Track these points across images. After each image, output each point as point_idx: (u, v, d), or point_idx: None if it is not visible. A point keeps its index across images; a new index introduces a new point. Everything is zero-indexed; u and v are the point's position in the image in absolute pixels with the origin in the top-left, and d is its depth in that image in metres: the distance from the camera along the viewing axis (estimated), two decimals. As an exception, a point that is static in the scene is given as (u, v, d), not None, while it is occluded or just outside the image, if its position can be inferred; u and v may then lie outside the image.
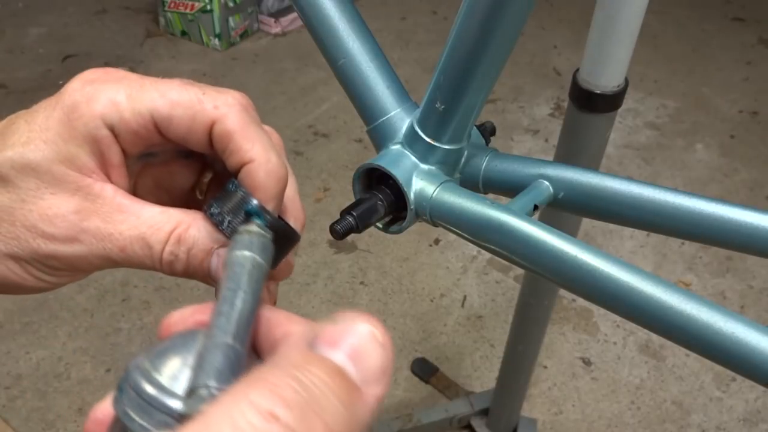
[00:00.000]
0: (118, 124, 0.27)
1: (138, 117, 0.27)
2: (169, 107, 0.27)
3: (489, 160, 0.45)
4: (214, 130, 0.28)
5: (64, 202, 0.27)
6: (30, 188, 0.27)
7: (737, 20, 2.48)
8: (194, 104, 0.27)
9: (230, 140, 0.27)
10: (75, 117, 0.27)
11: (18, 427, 1.16)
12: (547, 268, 0.37)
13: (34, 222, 0.27)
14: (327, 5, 0.45)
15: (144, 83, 0.28)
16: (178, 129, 0.28)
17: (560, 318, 1.40)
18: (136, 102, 0.27)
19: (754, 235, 0.38)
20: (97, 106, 0.27)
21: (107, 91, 0.27)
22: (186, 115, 0.27)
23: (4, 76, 2.00)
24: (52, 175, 0.27)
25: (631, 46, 0.57)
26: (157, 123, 0.27)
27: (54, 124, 0.27)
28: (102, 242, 0.27)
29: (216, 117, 0.27)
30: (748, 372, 0.32)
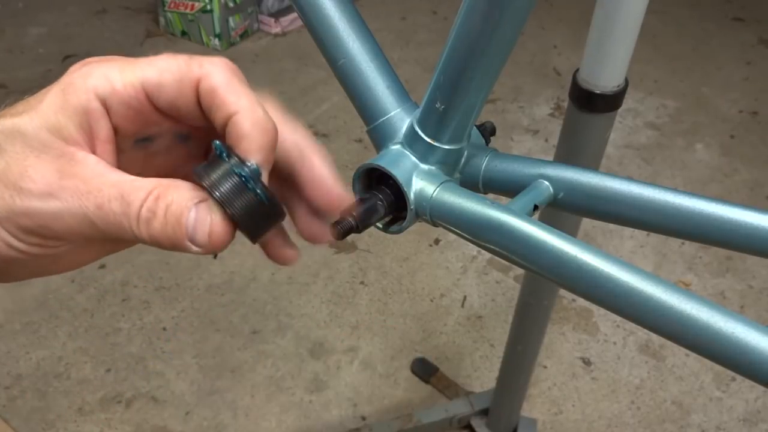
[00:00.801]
0: (110, 97, 0.28)
1: (129, 88, 0.28)
2: (158, 73, 0.28)
3: (489, 160, 0.45)
4: (200, 88, 0.28)
5: (47, 163, 0.27)
6: (16, 151, 0.27)
7: (737, 20, 2.48)
8: (181, 67, 0.28)
9: (215, 95, 0.28)
10: (69, 91, 0.28)
11: (18, 427, 1.16)
12: (547, 268, 0.37)
13: (14, 180, 0.27)
14: (327, 5, 0.45)
15: (136, 60, 0.29)
16: (167, 93, 0.28)
17: (560, 318, 1.40)
18: (127, 73, 0.28)
19: (754, 235, 0.38)
20: (90, 81, 0.28)
21: (102, 68, 0.29)
22: (174, 79, 0.28)
23: (4, 76, 2.00)
24: (37, 140, 0.27)
25: (631, 46, 0.57)
26: (147, 92, 0.28)
27: (48, 98, 0.28)
28: (79, 199, 0.27)
29: (200, 75, 0.28)
30: (748, 372, 0.32)
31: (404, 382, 1.27)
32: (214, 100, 0.28)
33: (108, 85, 0.28)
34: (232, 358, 1.28)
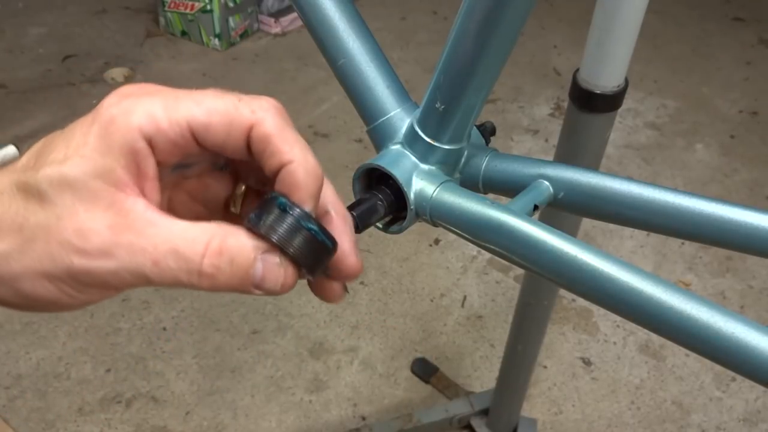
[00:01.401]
0: (155, 135, 0.28)
1: (175, 126, 0.28)
2: (207, 114, 0.28)
3: (489, 160, 0.45)
4: (253, 134, 0.28)
5: (98, 217, 0.27)
6: (66, 204, 0.27)
7: (737, 20, 2.48)
8: (231, 110, 0.28)
9: (269, 143, 0.28)
10: (112, 130, 0.27)
11: (18, 427, 1.16)
12: (547, 268, 0.37)
13: (68, 238, 0.27)
14: (327, 5, 0.45)
15: (178, 94, 0.28)
16: (216, 136, 0.28)
17: (560, 318, 1.40)
18: (173, 111, 0.28)
19: (754, 235, 0.38)
20: (134, 118, 0.27)
21: (144, 103, 0.28)
22: (223, 121, 0.28)
23: (4, 76, 2.00)
24: (87, 191, 0.27)
25: (631, 46, 0.57)
26: (194, 131, 0.28)
27: (92, 139, 0.27)
28: (135, 256, 0.27)
29: (254, 121, 0.28)
30: (748, 372, 0.32)
31: (404, 382, 1.27)
32: (268, 148, 0.28)
33: (153, 123, 0.27)
34: (232, 358, 1.28)
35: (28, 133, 1.76)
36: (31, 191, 0.27)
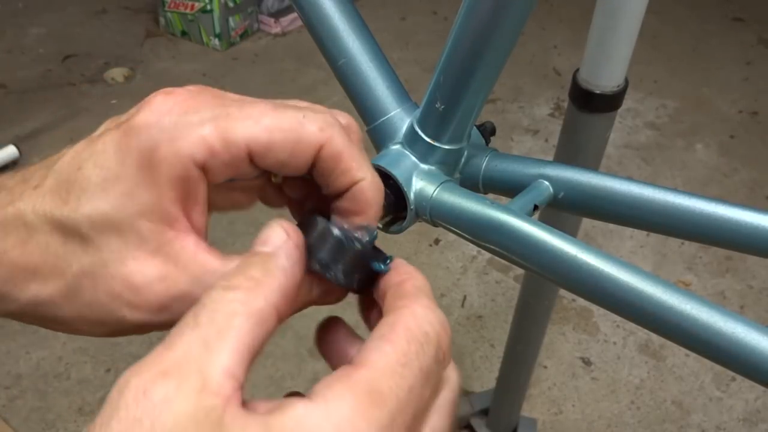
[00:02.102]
0: (209, 161, 0.24)
1: (232, 149, 0.24)
2: (269, 135, 0.25)
3: (489, 160, 0.45)
4: (323, 153, 0.26)
5: (147, 268, 0.25)
6: (111, 250, 0.24)
7: (737, 20, 2.48)
8: (297, 128, 0.25)
9: (340, 161, 0.26)
10: (158, 161, 0.24)
11: (18, 427, 1.16)
12: (547, 268, 0.37)
13: (119, 291, 0.25)
14: (327, 5, 0.45)
15: (230, 110, 0.25)
16: (279, 156, 0.25)
17: (560, 318, 1.40)
18: (229, 133, 0.24)
19: (754, 235, 0.38)
20: (183, 146, 0.24)
21: (191, 125, 0.24)
22: (289, 141, 0.25)
23: (4, 76, 2.00)
24: (134, 234, 0.24)
25: (631, 46, 0.57)
26: (252, 152, 0.25)
27: (132, 171, 0.24)
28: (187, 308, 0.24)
29: (323, 140, 0.26)
30: (748, 372, 0.32)
31: (404, 382, 1.27)
32: (339, 166, 0.26)
33: (207, 150, 0.24)
34: (232, 358, 1.28)
35: (28, 133, 1.76)
36: (71, 233, 0.25)
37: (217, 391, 0.19)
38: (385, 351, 0.22)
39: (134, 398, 0.19)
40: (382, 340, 0.23)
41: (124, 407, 0.19)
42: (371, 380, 0.21)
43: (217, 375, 0.20)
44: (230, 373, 0.20)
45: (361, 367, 0.21)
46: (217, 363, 0.20)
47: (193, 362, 0.20)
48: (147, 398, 0.19)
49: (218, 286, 0.22)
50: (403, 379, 0.21)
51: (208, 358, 0.20)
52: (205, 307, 0.21)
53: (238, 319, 0.21)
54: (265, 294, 0.22)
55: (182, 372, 0.19)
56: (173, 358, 0.20)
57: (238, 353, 0.20)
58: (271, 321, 0.22)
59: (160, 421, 0.19)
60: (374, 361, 0.22)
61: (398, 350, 0.22)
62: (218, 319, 0.21)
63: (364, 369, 0.21)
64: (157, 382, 0.19)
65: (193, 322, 0.21)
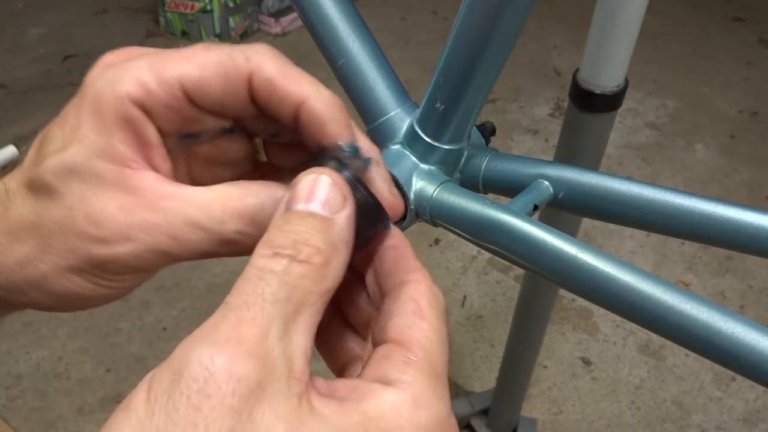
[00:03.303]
0: (147, 100, 0.25)
1: (166, 87, 0.25)
2: (199, 69, 0.25)
3: (489, 160, 0.45)
4: (254, 82, 0.26)
5: (107, 201, 0.25)
6: (74, 193, 0.25)
7: (737, 20, 2.48)
8: (224, 61, 0.25)
9: (274, 87, 0.26)
10: (102, 105, 0.25)
11: (18, 427, 1.16)
12: (547, 268, 0.37)
13: (83, 229, 0.25)
14: (327, 5, 0.45)
15: (165, 54, 0.26)
16: (212, 91, 0.26)
17: (560, 318, 1.40)
18: (161, 72, 0.25)
19: (754, 235, 0.38)
20: (121, 87, 0.25)
21: (129, 69, 0.25)
22: (218, 74, 0.25)
23: (4, 76, 2.00)
24: (91, 174, 0.25)
25: (631, 46, 0.57)
26: (187, 90, 0.25)
27: (84, 119, 0.25)
28: (152, 235, 0.25)
29: (251, 68, 0.26)
30: (748, 372, 0.32)
31: (404, 382, 1.27)
32: (275, 93, 0.26)
33: (141, 88, 0.25)
34: (232, 358, 1.28)
35: (28, 133, 1.76)
36: (39, 187, 0.26)
37: (301, 378, 0.19)
38: (425, 329, 0.23)
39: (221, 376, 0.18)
40: (416, 317, 0.24)
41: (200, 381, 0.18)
42: (432, 361, 0.22)
43: (299, 360, 0.20)
44: (308, 356, 0.20)
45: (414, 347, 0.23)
46: (298, 346, 0.20)
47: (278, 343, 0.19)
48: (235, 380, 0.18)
49: (285, 255, 0.22)
50: (444, 354, 0.23)
51: (290, 341, 0.20)
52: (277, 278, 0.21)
53: (312, 297, 0.21)
54: (333, 274, 0.22)
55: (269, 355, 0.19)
56: (255, 335, 0.19)
57: (311, 334, 0.21)
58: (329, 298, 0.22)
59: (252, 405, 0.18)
60: (421, 340, 0.23)
61: (434, 327, 0.23)
62: (295, 296, 0.21)
63: (419, 350, 0.23)
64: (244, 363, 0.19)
65: (272, 295, 0.20)
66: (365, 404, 0.20)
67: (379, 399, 0.20)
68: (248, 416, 0.18)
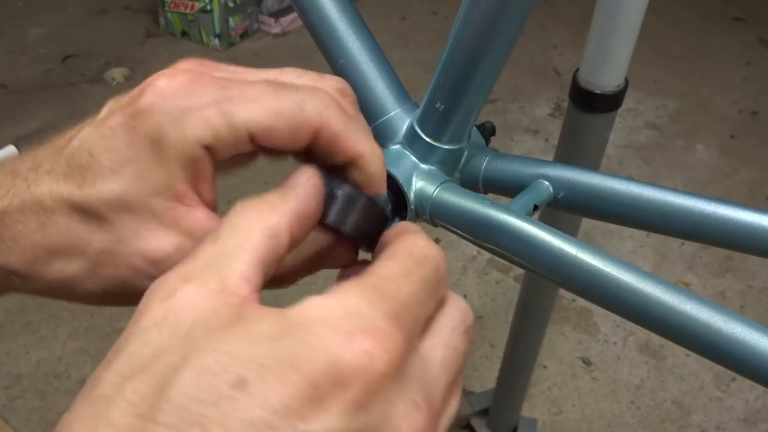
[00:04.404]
0: (214, 143, 0.26)
1: (235, 132, 0.26)
2: (271, 118, 0.26)
3: (489, 160, 0.45)
4: (321, 135, 0.27)
5: (163, 241, 0.26)
6: (127, 227, 0.26)
7: (737, 20, 2.48)
8: (297, 113, 0.26)
9: (338, 141, 0.27)
10: (166, 144, 0.26)
11: (18, 427, 1.16)
12: (547, 268, 0.37)
13: (139, 265, 0.27)
14: (327, 5, 0.45)
15: (231, 92, 0.26)
16: (279, 138, 0.26)
17: (560, 318, 1.40)
18: (232, 117, 0.26)
19: (754, 235, 0.38)
20: (189, 131, 0.25)
21: (195, 109, 0.26)
22: (289, 126, 0.26)
23: (4, 76, 2.00)
24: (148, 211, 0.26)
25: (631, 46, 0.57)
26: (254, 134, 0.26)
27: (142, 154, 0.26)
28: None
29: (322, 123, 0.27)
30: (748, 372, 0.32)
31: (404, 382, 1.27)
32: (337, 147, 0.27)
33: (211, 132, 0.25)
34: (232, 358, 1.28)
35: (28, 133, 1.76)
36: (88, 213, 0.26)
37: (234, 291, 0.21)
38: (388, 264, 0.23)
39: (159, 300, 0.21)
40: (384, 258, 0.24)
41: (151, 308, 0.21)
42: (376, 283, 0.22)
43: (234, 279, 0.21)
44: (247, 278, 0.22)
45: (366, 275, 0.23)
46: (234, 269, 0.22)
47: (213, 268, 0.21)
48: (171, 299, 0.21)
49: (236, 208, 0.23)
50: (405, 285, 0.23)
51: (226, 266, 0.22)
52: (224, 226, 0.23)
53: (254, 232, 0.23)
54: (280, 212, 0.24)
55: (202, 277, 0.21)
56: (194, 266, 0.22)
57: (253, 262, 0.22)
58: (284, 237, 0.23)
59: (183, 316, 0.20)
60: (378, 270, 0.23)
61: (400, 263, 0.23)
62: (235, 234, 0.23)
63: (369, 276, 0.23)
64: (180, 286, 0.21)
65: (213, 238, 0.23)
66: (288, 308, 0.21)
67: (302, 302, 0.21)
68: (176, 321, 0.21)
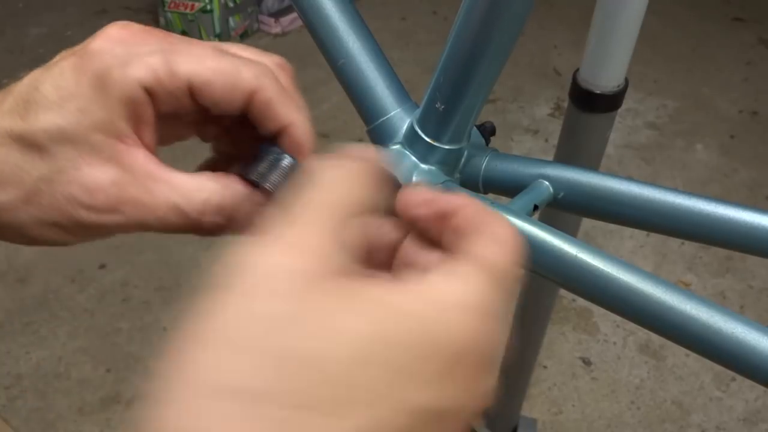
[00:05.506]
0: (155, 86, 0.27)
1: (175, 80, 0.28)
2: (210, 74, 0.28)
3: (489, 160, 0.45)
4: (255, 99, 0.29)
5: (101, 173, 0.28)
6: (67, 158, 0.27)
7: (737, 20, 2.48)
8: (234, 73, 0.28)
9: (269, 107, 0.29)
10: (110, 82, 0.27)
11: (18, 427, 1.16)
12: (547, 268, 0.37)
13: (74, 194, 0.27)
14: (327, 5, 0.45)
15: (177, 47, 0.28)
16: (214, 95, 0.28)
17: (560, 318, 1.40)
18: (174, 65, 0.28)
19: (754, 235, 0.38)
20: (132, 71, 0.27)
21: (141, 54, 0.28)
22: (226, 83, 0.28)
23: (4, 76, 2.00)
24: (88, 145, 0.27)
25: (631, 46, 0.57)
26: (193, 86, 0.28)
27: (86, 90, 0.27)
28: (139, 211, 0.28)
29: (256, 87, 0.29)
30: (748, 372, 0.32)
31: (404, 382, 1.27)
32: (269, 112, 0.30)
33: (154, 77, 0.27)
34: (232, 358, 1.28)
35: (28, 133, 1.76)
36: (29, 143, 0.27)
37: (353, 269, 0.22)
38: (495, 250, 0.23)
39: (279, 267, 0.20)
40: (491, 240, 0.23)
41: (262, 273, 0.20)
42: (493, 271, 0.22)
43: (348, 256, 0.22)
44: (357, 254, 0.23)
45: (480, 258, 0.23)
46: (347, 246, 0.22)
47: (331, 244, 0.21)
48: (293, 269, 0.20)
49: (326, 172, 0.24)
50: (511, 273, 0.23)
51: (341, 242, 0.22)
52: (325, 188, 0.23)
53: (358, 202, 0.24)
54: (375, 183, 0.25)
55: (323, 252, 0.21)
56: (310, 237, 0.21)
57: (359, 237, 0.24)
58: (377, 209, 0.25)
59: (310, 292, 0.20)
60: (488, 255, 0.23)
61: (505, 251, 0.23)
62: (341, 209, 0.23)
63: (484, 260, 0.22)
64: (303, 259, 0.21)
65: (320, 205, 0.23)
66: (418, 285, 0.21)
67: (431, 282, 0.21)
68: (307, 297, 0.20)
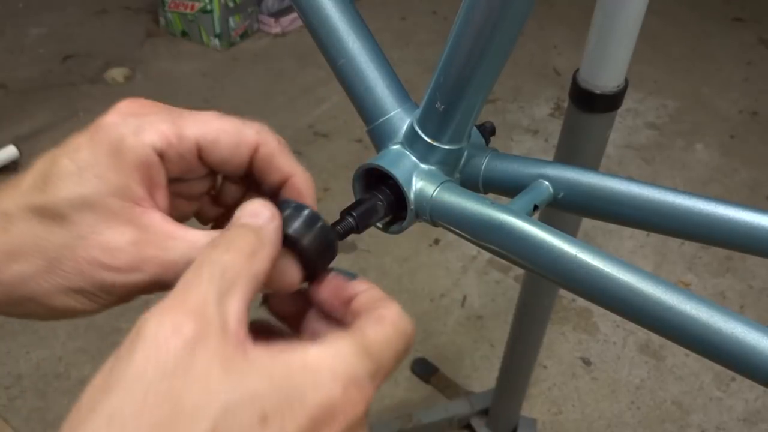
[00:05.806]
0: (166, 149, 0.30)
1: (185, 142, 0.30)
2: (216, 134, 0.31)
3: (489, 160, 0.45)
4: (259, 153, 0.32)
5: (120, 234, 0.29)
6: (87, 224, 0.29)
7: (737, 20, 2.48)
8: (237, 131, 0.31)
9: (272, 160, 0.32)
10: (125, 149, 0.29)
11: (18, 427, 1.16)
12: (547, 268, 0.37)
13: (96, 257, 0.29)
14: (327, 5, 0.45)
15: (183, 114, 0.31)
16: (222, 153, 0.31)
17: (560, 318, 1.40)
18: (182, 129, 0.30)
19: (754, 235, 0.38)
20: (145, 136, 0.29)
21: (151, 122, 0.30)
22: (231, 140, 0.31)
23: (4, 76, 2.00)
24: (107, 209, 0.29)
25: (631, 46, 0.57)
26: (201, 148, 0.31)
27: (102, 158, 0.29)
28: (159, 268, 0.29)
29: (259, 141, 0.32)
30: (748, 372, 0.32)
31: (404, 381, 1.27)
32: (272, 165, 0.32)
33: (164, 139, 0.30)
34: (232, 358, 1.28)
35: (28, 133, 1.76)
36: (50, 214, 0.29)
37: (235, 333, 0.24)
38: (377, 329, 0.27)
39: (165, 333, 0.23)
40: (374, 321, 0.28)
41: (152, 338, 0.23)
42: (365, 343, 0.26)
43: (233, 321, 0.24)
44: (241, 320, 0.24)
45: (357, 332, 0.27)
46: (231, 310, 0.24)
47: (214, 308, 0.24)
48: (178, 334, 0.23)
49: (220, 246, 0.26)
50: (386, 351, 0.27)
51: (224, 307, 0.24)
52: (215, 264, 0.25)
53: (243, 278, 0.25)
54: (261, 260, 0.27)
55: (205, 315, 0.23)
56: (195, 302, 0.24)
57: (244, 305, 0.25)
58: (261, 284, 0.27)
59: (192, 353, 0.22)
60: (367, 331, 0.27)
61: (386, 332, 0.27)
62: (228, 276, 0.25)
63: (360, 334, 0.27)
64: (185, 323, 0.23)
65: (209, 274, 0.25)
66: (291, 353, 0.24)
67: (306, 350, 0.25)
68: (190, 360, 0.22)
